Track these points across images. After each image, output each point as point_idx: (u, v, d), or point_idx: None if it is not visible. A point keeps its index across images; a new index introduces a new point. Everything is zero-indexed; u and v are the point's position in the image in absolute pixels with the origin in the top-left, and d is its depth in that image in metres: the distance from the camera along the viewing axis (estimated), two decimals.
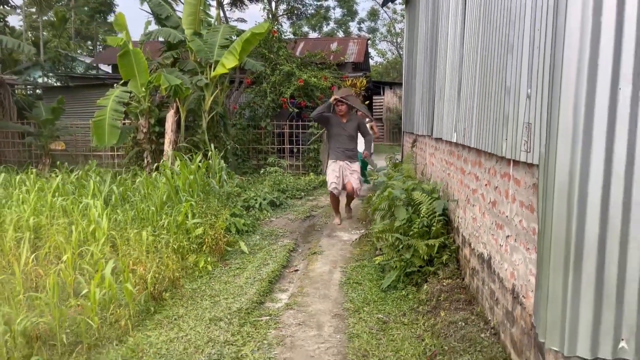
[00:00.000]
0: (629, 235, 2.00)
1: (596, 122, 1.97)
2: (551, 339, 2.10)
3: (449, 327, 3.33)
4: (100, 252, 4.61)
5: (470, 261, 3.76)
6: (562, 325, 2.06)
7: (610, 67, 1.94)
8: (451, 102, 4.48)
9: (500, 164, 2.97)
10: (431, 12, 5.77)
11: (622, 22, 1.93)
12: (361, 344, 3.34)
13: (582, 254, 2.03)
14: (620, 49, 1.94)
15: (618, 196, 1.98)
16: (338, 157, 6.69)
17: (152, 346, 3.34)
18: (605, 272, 2.02)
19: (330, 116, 6.68)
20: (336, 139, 6.74)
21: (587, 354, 2.03)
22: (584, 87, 1.97)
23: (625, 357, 2.03)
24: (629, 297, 2.02)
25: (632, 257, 2.00)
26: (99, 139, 8.90)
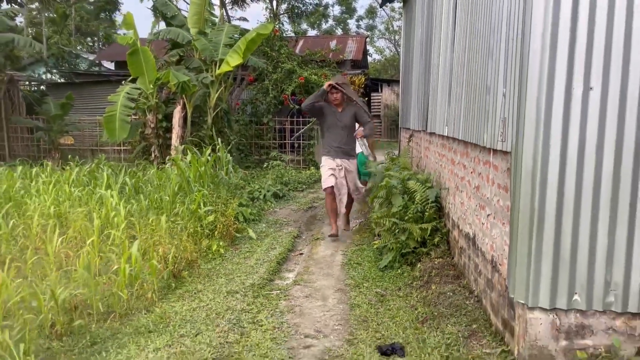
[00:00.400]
0: (580, 210, 2.46)
1: (554, 117, 2.42)
2: (519, 293, 2.56)
3: (438, 297, 3.80)
4: (123, 235, 5.06)
5: (459, 241, 4.22)
6: (527, 282, 2.52)
7: (565, 71, 2.40)
8: (443, 100, 4.93)
9: (483, 153, 3.42)
10: (426, 17, 6.22)
11: (575, 35, 2.38)
12: (361, 312, 3.80)
13: (543, 225, 2.49)
14: (574, 57, 2.39)
15: (571, 178, 2.44)
16: (333, 154, 5.98)
17: (178, 314, 3.78)
18: (561, 239, 2.48)
19: (324, 105, 5.98)
20: (330, 132, 6.02)
21: (546, 305, 2.50)
22: (544, 88, 2.42)
23: (578, 307, 2.49)
24: (581, 260, 2.48)
25: (583, 228, 2.46)
26: (110, 133, 9.33)
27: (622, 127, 2.40)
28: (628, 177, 2.42)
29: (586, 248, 2.47)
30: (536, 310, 2.53)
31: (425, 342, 3.18)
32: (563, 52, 2.39)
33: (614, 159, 2.41)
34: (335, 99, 5.92)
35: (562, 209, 2.46)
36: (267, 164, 11.13)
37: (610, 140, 2.41)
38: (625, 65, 2.37)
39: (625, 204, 2.43)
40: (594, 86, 2.39)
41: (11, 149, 13.69)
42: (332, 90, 5.89)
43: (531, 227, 2.50)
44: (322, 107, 5.98)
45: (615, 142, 2.41)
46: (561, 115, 2.41)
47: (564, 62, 2.39)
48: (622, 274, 2.46)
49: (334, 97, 5.92)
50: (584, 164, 2.43)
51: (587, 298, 2.49)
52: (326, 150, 6.11)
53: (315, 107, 5.96)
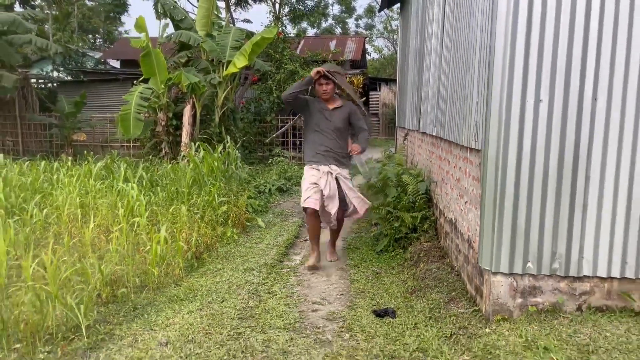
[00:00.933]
0: (532, 195, 3.12)
1: (512, 123, 3.08)
2: (486, 262, 3.22)
3: (425, 273, 4.47)
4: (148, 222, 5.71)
5: (444, 227, 4.89)
6: (492, 252, 3.18)
7: (520, 87, 3.05)
8: (433, 104, 5.59)
9: (462, 150, 4.08)
10: (420, 28, 6.87)
11: (528, 60, 3.04)
12: (360, 285, 4.46)
13: (503, 207, 3.15)
14: (527, 76, 3.05)
15: (525, 170, 3.10)
16: (319, 159, 4.73)
17: (203, 286, 4.44)
18: (517, 218, 3.14)
19: (310, 100, 4.78)
20: (317, 135, 4.74)
21: (506, 270, 3.16)
22: (504, 99, 3.07)
23: (530, 272, 3.16)
24: (533, 235, 3.14)
25: (534, 209, 3.13)
26: (125, 130, 9.97)
27: (564, 131, 3.06)
28: (569, 169, 3.08)
29: (537, 225, 3.13)
30: (498, 274, 3.19)
31: (413, 307, 3.85)
32: (519, 72, 3.05)
33: (558, 156, 3.08)
34: (324, 91, 4.68)
35: (518, 194, 3.13)
36: (271, 160, 11.78)
37: (555, 141, 3.07)
38: (567, 84, 3.03)
39: (567, 191, 3.10)
40: (543, 99, 3.05)
41: (24, 145, 14.32)
42: (320, 80, 4.63)
43: (494, 209, 3.16)
44: (308, 102, 4.76)
45: (559, 142, 3.07)
46: (517, 121, 3.07)
47: (519, 80, 3.05)
48: (565, 246, 3.13)
49: (323, 89, 4.68)
50: (535, 159, 3.09)
51: (537, 265, 3.16)
52: (310, 156, 4.81)
53: (299, 99, 4.67)
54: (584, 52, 3.02)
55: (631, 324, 3.02)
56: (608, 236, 3.09)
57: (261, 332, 3.46)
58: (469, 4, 3.90)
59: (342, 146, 4.84)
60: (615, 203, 3.08)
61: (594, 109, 3.04)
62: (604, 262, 3.11)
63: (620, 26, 2.98)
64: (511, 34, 3.05)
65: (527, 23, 3.02)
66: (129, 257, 4.57)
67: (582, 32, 3.01)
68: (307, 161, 4.88)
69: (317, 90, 4.78)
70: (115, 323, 3.71)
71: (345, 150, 4.85)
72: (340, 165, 4.83)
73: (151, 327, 3.59)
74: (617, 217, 3.08)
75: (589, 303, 3.17)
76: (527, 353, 2.83)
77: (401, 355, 3.11)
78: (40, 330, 3.38)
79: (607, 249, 3.10)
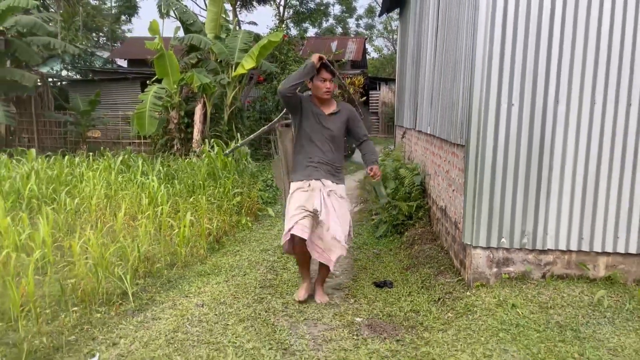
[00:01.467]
0: (506, 182, 3.78)
1: (489, 123, 3.74)
2: (467, 238, 3.89)
3: (419, 253, 5.13)
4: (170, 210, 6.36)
5: (436, 213, 5.55)
6: (472, 230, 3.84)
7: (496, 94, 3.71)
8: (427, 105, 6.25)
9: (451, 146, 4.75)
10: (416, 36, 7.53)
11: (502, 71, 3.70)
12: (362, 263, 5.13)
13: (482, 192, 3.81)
14: (502, 84, 3.71)
15: (499, 161, 3.76)
16: (310, 173, 3.83)
17: (226, 264, 5.10)
18: (493, 201, 3.80)
19: (303, 99, 3.84)
20: (309, 144, 3.85)
21: (484, 244, 3.83)
22: (482, 103, 3.73)
23: (504, 246, 3.83)
24: (506, 215, 3.81)
25: (507, 194, 3.79)
26: (140, 127, 10.63)
27: (532, 130, 3.73)
28: (535, 162, 3.75)
29: (509, 207, 3.80)
30: (478, 248, 3.86)
31: (408, 280, 4.52)
32: (494, 81, 3.71)
33: (527, 150, 3.74)
34: (327, 90, 3.78)
35: (494, 182, 3.79)
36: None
37: (524, 138, 3.73)
38: (534, 91, 3.69)
39: (534, 179, 3.76)
40: (514, 103, 3.72)
41: (40, 142, 14.97)
42: (323, 73, 3.75)
43: (474, 195, 3.83)
44: (302, 101, 3.82)
45: (527, 139, 3.73)
46: (493, 122, 3.74)
47: (495, 87, 3.71)
48: (532, 224, 3.80)
49: (326, 86, 3.77)
50: (508, 153, 3.76)
51: (510, 240, 3.82)
52: (298, 170, 3.89)
53: (296, 97, 3.75)
54: (548, 65, 3.68)
55: (584, 288, 3.69)
56: (567, 216, 3.76)
57: (280, 297, 4.12)
58: (456, 20, 4.56)
59: (338, 158, 3.94)
60: (573, 189, 3.74)
61: (555, 112, 3.70)
62: (564, 238, 3.78)
63: (577, 44, 3.64)
64: (488, 48, 3.70)
65: (501, 39, 3.68)
66: (161, 238, 5.24)
67: (546, 48, 3.66)
68: (294, 176, 3.89)
69: (317, 88, 3.79)
70: (154, 292, 4.37)
71: (341, 163, 3.99)
72: (336, 179, 3.88)
73: (186, 295, 4.26)
74: (575, 201, 3.74)
75: (552, 271, 3.84)
76: (499, 309, 3.50)
77: (397, 314, 3.77)
78: (94, 296, 4.04)
79: (567, 227, 3.76)
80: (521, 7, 3.63)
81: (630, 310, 3.40)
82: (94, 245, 4.42)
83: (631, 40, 3.58)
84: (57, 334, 3.46)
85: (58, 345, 3.31)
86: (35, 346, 3.26)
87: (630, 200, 3.67)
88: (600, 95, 3.62)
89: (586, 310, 3.41)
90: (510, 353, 2.98)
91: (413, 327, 3.52)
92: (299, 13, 19.55)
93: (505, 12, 3.64)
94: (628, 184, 3.67)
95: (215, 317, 3.71)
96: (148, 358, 3.09)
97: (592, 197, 3.72)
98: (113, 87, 17.40)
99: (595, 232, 3.73)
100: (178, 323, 3.60)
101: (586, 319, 3.31)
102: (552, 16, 3.62)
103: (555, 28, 3.64)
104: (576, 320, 3.30)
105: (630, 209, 3.68)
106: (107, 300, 4.08)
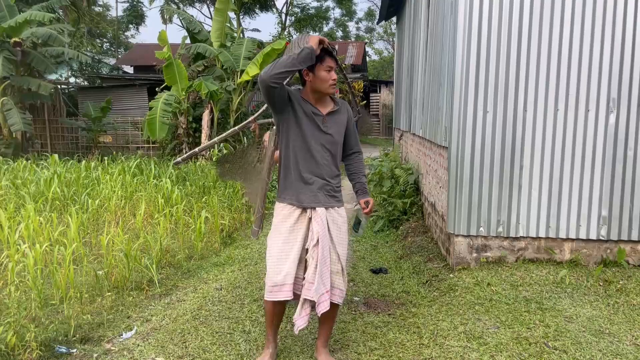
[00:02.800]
0: (483, 178, 4.36)
1: (467, 127, 4.32)
2: (450, 227, 4.47)
3: (412, 244, 5.71)
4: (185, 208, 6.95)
5: (427, 208, 6.13)
6: (454, 220, 4.42)
7: (473, 102, 4.29)
8: (420, 110, 6.83)
9: (438, 148, 5.33)
10: (411, 45, 8.12)
11: (478, 83, 4.28)
12: (361, 254, 5.71)
13: (462, 187, 4.39)
14: (477, 94, 4.29)
15: (477, 160, 4.34)
16: (301, 191, 2.89)
17: (238, 255, 5.69)
18: (472, 195, 4.38)
19: (293, 94, 2.88)
20: (304, 152, 2.89)
21: (465, 232, 4.41)
22: (462, 110, 4.31)
23: (482, 234, 4.41)
24: (483, 207, 4.38)
25: (484, 188, 4.37)
26: (151, 132, 11.23)
27: (504, 133, 4.30)
28: (508, 161, 4.32)
29: (486, 200, 4.38)
30: (459, 236, 4.44)
31: (401, 267, 5.10)
32: (472, 91, 4.29)
33: (500, 151, 4.32)
34: (333, 83, 2.90)
35: (473, 179, 4.37)
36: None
37: (498, 140, 4.31)
38: (506, 99, 4.27)
39: (507, 176, 4.34)
40: (489, 110, 4.30)
41: (53, 147, 15.60)
42: (327, 60, 2.88)
43: (456, 189, 4.40)
44: (291, 97, 2.87)
45: (501, 141, 4.31)
46: (471, 127, 4.32)
47: (472, 96, 4.29)
48: (506, 215, 4.37)
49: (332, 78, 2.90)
50: (484, 153, 4.33)
51: (487, 229, 4.40)
52: (290, 187, 2.95)
53: (283, 89, 2.77)
54: (517, 77, 4.26)
55: (551, 269, 4.27)
56: (536, 207, 4.33)
57: None
58: (440, 36, 5.15)
59: (336, 170, 3.02)
60: (541, 184, 4.32)
61: (524, 118, 4.28)
62: (534, 226, 4.35)
63: (542, 59, 4.22)
64: (466, 63, 4.29)
65: (477, 55, 4.26)
66: (179, 234, 5.83)
67: (516, 62, 4.25)
68: (282, 194, 3.00)
69: (322, 80, 2.87)
70: (176, 279, 4.95)
71: (339, 177, 3.05)
72: (335, 201, 2.97)
73: (205, 281, 4.84)
74: (542, 194, 4.32)
75: (524, 256, 4.41)
76: (476, 288, 4.08)
77: (390, 295, 4.35)
78: (125, 283, 4.63)
79: (536, 217, 4.34)
80: (493, 27, 4.21)
81: (588, 287, 3.97)
82: (121, 240, 5.01)
83: (588, 56, 4.16)
84: (97, 313, 4.04)
85: (100, 321, 3.89)
86: (81, 322, 3.84)
87: (589, 193, 4.25)
88: (562, 103, 4.20)
89: (550, 287, 3.99)
90: (483, 321, 3.56)
91: (403, 304, 4.09)
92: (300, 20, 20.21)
93: (479, 32, 4.22)
94: (588, 179, 4.24)
95: (232, 297, 4.29)
96: (178, 329, 3.67)
97: (557, 191, 4.30)
98: (121, 93, 18.03)
99: (561, 220, 4.30)
100: (201, 303, 4.18)
101: (549, 294, 3.89)
102: (519, 35, 4.20)
103: (522, 46, 4.22)
104: (541, 295, 3.87)
105: (589, 201, 4.25)
106: (136, 286, 4.66)
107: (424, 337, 3.37)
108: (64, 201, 7.40)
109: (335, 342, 3.38)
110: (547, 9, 4.14)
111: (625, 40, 4.09)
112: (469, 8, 4.18)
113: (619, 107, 4.14)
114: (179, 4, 23.94)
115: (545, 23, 4.17)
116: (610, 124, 4.16)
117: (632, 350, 3.10)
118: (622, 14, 4.07)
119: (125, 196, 7.72)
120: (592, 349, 3.10)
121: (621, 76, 4.10)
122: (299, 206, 2.91)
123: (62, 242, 5.42)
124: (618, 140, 4.17)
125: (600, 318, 3.52)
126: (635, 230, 4.21)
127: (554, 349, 3.11)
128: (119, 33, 35.35)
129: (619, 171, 4.18)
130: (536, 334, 3.30)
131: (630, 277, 4.12)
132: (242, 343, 3.39)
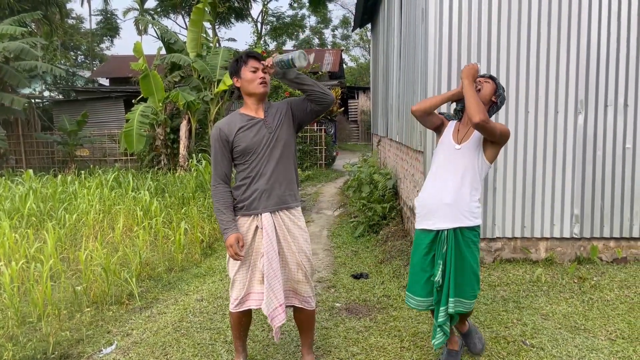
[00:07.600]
0: None
1: None
2: None
3: (392, 248, 5.76)
4: (164, 220, 6.91)
5: (406, 212, 6.20)
6: None
7: (446, 105, 4.37)
8: (396, 116, 6.92)
9: (414, 152, 5.40)
10: (385, 52, 8.22)
11: (450, 85, 4.37)
12: (341, 260, 5.74)
13: None
14: None
15: None
16: (255, 196, 2.72)
17: (218, 266, 5.66)
18: None
19: (232, 124, 2.72)
20: (252, 163, 2.70)
21: None
22: None
23: None
24: None
25: None
26: (129, 145, 11.13)
27: None
28: None
29: None
30: None
31: (382, 271, 5.14)
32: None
33: None
34: (260, 80, 2.70)
35: None
36: None
37: None
38: None
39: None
40: None
41: (27, 162, 15.36)
42: (248, 61, 2.71)
43: None
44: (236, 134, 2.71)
45: None
46: None
47: None
48: (482, 217, 4.45)
49: (258, 77, 2.69)
50: None
51: None
52: (241, 200, 2.75)
53: None
54: None
55: (527, 268, 4.35)
56: (511, 208, 4.42)
57: None
58: (413, 41, 5.24)
59: (287, 175, 2.81)
60: (515, 186, 4.41)
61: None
62: (510, 227, 4.44)
63: (511, 64, 4.33)
64: (437, 68, 4.37)
65: (448, 61, 4.36)
66: (158, 246, 5.79)
67: (486, 68, 4.35)
68: (239, 206, 2.79)
69: (248, 80, 2.71)
70: (156, 292, 4.91)
71: (293, 184, 2.85)
72: (289, 204, 2.81)
73: (185, 293, 4.81)
74: (516, 196, 4.41)
75: (501, 256, 4.50)
76: None
77: (371, 299, 4.38)
78: (104, 297, 4.58)
79: (511, 218, 4.43)
80: (463, 33, 4.31)
81: (563, 284, 4.07)
82: (100, 254, 4.96)
83: (555, 61, 4.28)
84: (76, 330, 3.99)
85: (79, 338, 3.84)
86: (60, 339, 3.79)
87: (562, 193, 4.36)
88: (532, 106, 4.31)
89: (527, 286, 4.07)
90: None
91: (384, 308, 4.13)
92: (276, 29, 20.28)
93: (450, 38, 4.31)
94: (560, 179, 4.35)
95: (213, 308, 4.28)
96: (160, 343, 3.64)
97: (531, 192, 4.40)
98: (97, 106, 17.83)
99: (535, 221, 4.40)
100: (182, 315, 4.16)
101: (526, 292, 3.97)
102: (489, 40, 4.31)
103: (492, 51, 4.32)
104: (518, 294, 3.95)
105: (562, 201, 4.36)
106: (116, 300, 4.61)
107: (404, 341, 3.41)
108: (41, 217, 7.28)
109: (317, 349, 3.39)
110: (514, 14, 4.25)
111: (590, 42, 4.22)
112: (439, 15, 4.27)
113: (586, 108, 4.26)
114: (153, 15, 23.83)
115: (513, 28, 4.28)
116: (579, 124, 4.28)
117: (607, 345, 3.18)
118: (587, 19, 4.21)
119: (103, 210, 7.64)
120: (568, 345, 3.18)
121: (588, 78, 4.23)
122: (257, 214, 2.76)
123: (39, 258, 5.34)
124: (587, 141, 4.29)
125: (576, 314, 3.60)
126: (607, 227, 4.33)
127: (531, 347, 3.18)
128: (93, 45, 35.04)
129: (589, 171, 4.30)
130: (514, 333, 3.37)
131: (604, 273, 4.22)
132: (224, 353, 3.38)
